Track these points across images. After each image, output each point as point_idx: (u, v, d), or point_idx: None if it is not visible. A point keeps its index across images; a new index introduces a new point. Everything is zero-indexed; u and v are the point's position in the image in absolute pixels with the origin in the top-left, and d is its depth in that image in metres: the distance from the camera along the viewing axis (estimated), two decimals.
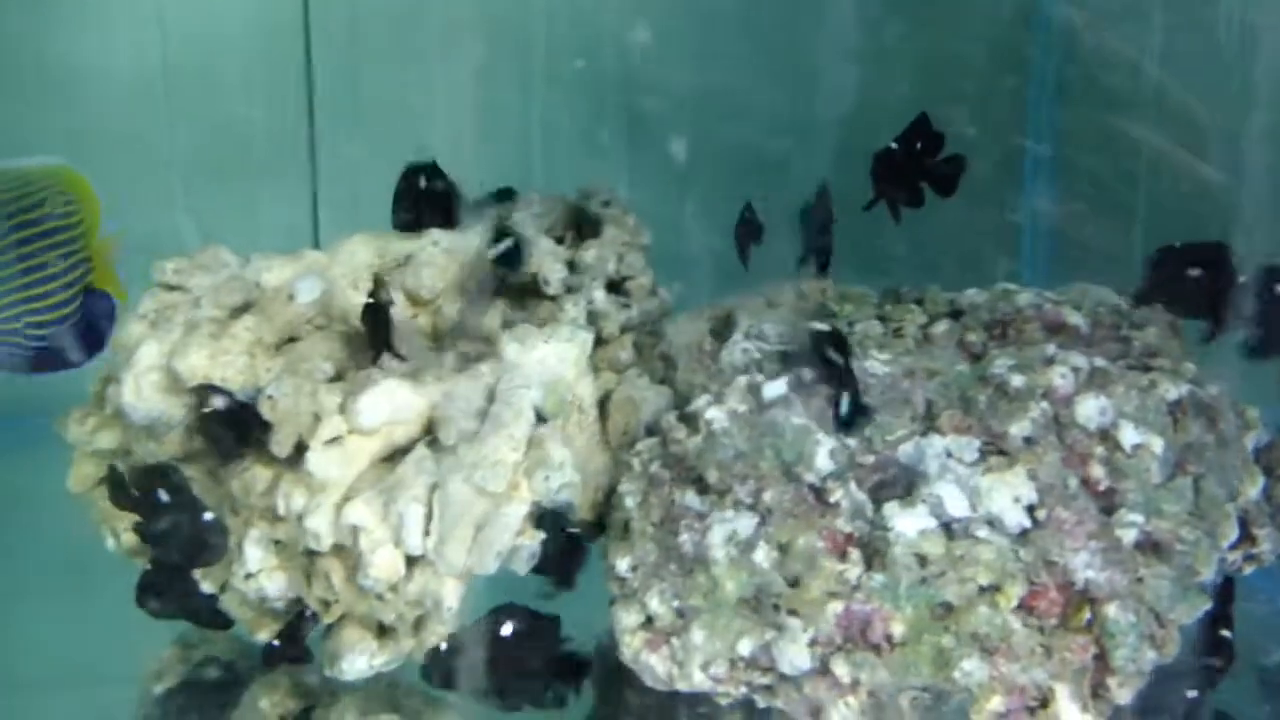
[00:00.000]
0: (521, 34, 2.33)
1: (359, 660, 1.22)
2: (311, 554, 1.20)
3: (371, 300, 1.23)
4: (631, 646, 1.15)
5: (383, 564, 1.15)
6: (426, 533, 1.15)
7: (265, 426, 1.19)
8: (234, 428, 1.21)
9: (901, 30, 2.09)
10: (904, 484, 1.13)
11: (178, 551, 1.24)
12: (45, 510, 1.61)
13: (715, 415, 1.22)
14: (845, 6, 2.07)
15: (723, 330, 1.49)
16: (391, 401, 1.18)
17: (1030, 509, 1.08)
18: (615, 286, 1.46)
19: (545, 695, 1.21)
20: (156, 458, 1.26)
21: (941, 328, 1.28)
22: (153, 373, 1.22)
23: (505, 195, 1.56)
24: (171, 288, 1.33)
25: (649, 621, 1.16)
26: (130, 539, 1.35)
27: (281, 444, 1.18)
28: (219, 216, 2.25)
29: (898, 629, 1.05)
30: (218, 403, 1.20)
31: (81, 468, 1.34)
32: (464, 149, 1.82)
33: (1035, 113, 2.30)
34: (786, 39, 2.23)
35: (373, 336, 1.23)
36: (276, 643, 1.26)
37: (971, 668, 1.04)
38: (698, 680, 1.12)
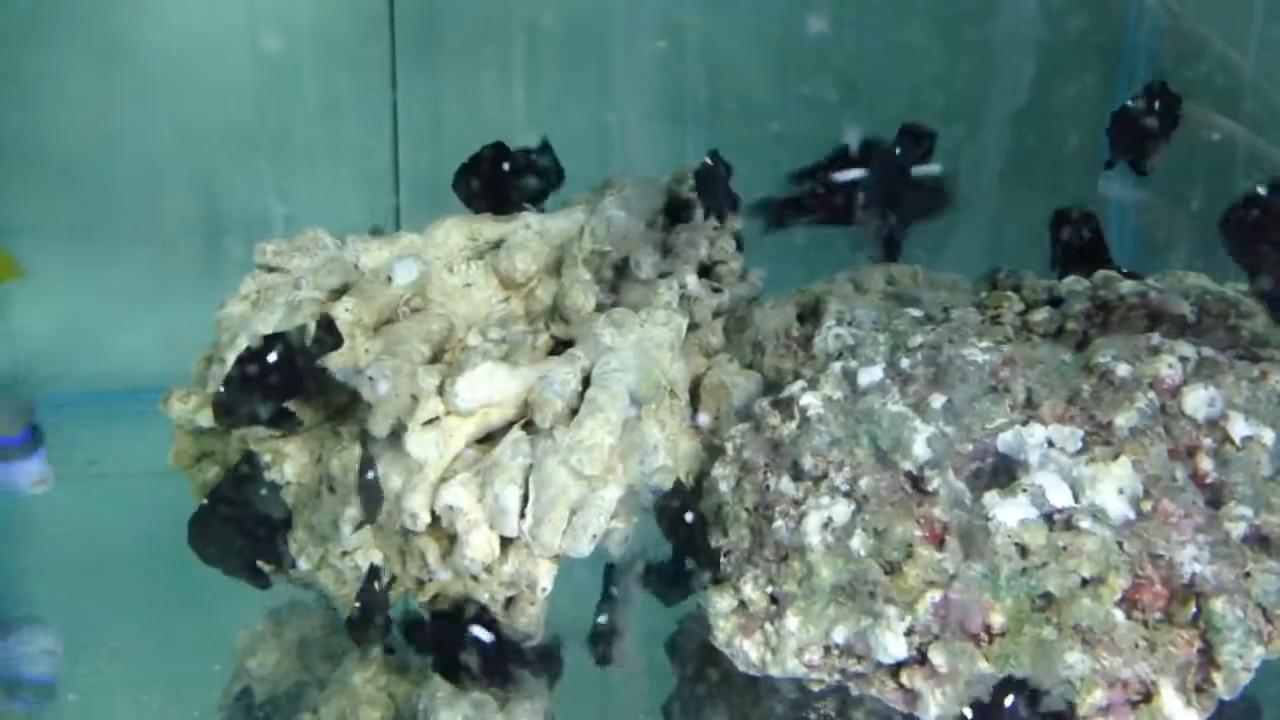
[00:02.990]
0: (602, 24, 2.34)
1: None
2: (407, 533, 1.21)
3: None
4: (725, 631, 1.15)
5: (478, 545, 1.16)
6: (522, 515, 1.16)
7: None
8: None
9: (988, 17, 2.06)
10: (1003, 473, 1.11)
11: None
12: (144, 484, 1.66)
13: (810, 401, 1.21)
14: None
15: (809, 316, 1.48)
16: (489, 384, 1.19)
17: (1135, 501, 1.06)
18: (706, 271, 1.46)
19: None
20: (259, 436, 1.28)
21: (1041, 315, 1.26)
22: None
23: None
24: (271, 269, 1.35)
25: (742, 606, 1.16)
26: None
27: (380, 424, 1.19)
28: (304, 199, 2.29)
29: (997, 619, 1.04)
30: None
31: (182, 444, 1.37)
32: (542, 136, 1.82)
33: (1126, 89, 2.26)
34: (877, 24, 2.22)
35: None
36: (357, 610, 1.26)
37: (1074, 660, 1.02)
38: (791, 666, 1.12)
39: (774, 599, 1.14)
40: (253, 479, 1.20)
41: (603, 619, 1.20)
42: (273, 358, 1.16)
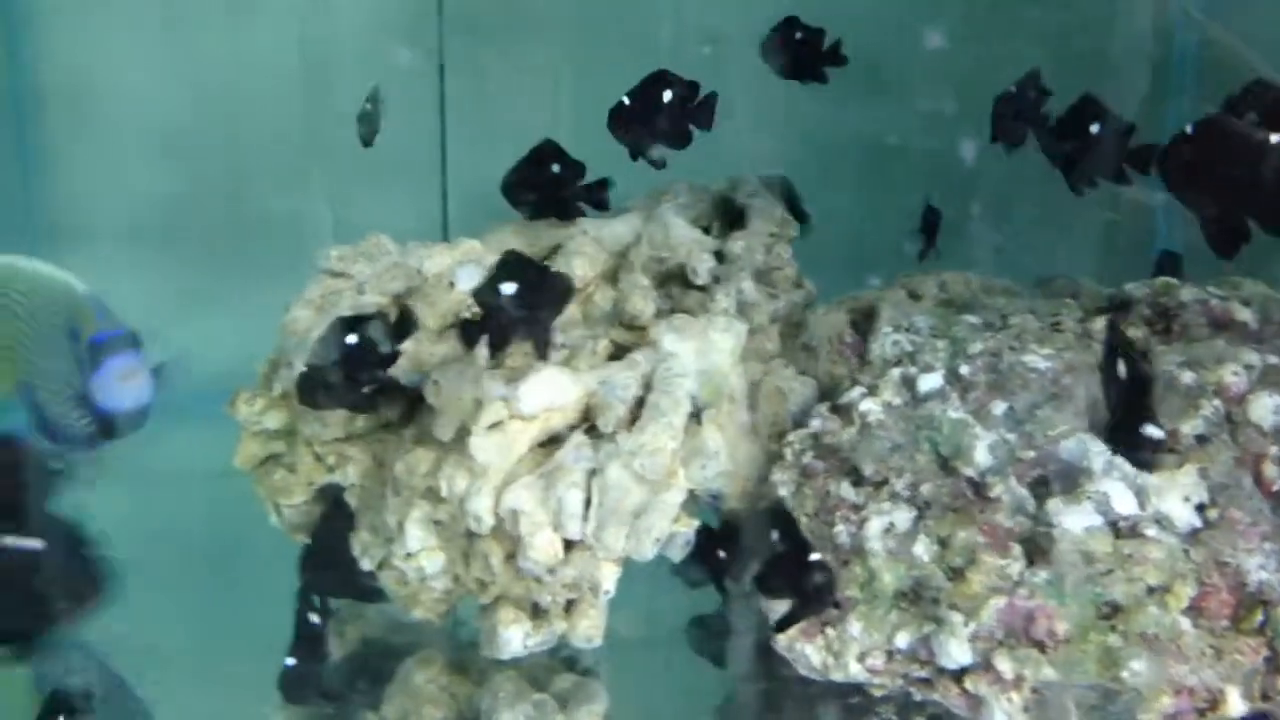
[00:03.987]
0: (647, 22, 2.34)
1: (514, 640, 1.25)
2: (470, 535, 1.23)
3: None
4: (786, 635, 1.16)
5: (542, 547, 1.18)
6: (585, 518, 1.17)
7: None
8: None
9: (1036, 17, 2.05)
10: (1066, 480, 1.12)
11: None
12: (210, 485, 1.68)
13: (870, 407, 1.22)
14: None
15: (862, 322, 1.48)
16: (551, 389, 1.21)
17: (1201, 508, 1.07)
18: (761, 277, 1.47)
19: None
20: (323, 438, 1.30)
21: (1102, 322, 1.26)
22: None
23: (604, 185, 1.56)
24: (335, 274, 1.37)
25: None
26: (291, 515, 1.40)
27: (445, 428, 1.21)
28: (354, 204, 2.31)
29: (1062, 626, 1.05)
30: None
31: (248, 446, 1.39)
32: (589, 139, 1.84)
33: (1176, 102, 2.24)
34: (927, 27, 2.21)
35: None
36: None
37: (1140, 667, 1.02)
38: (853, 671, 1.13)
39: (836, 603, 1.15)
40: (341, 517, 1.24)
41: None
42: (356, 340, 1.18)
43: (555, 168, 1.47)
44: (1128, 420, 1.05)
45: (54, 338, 1.39)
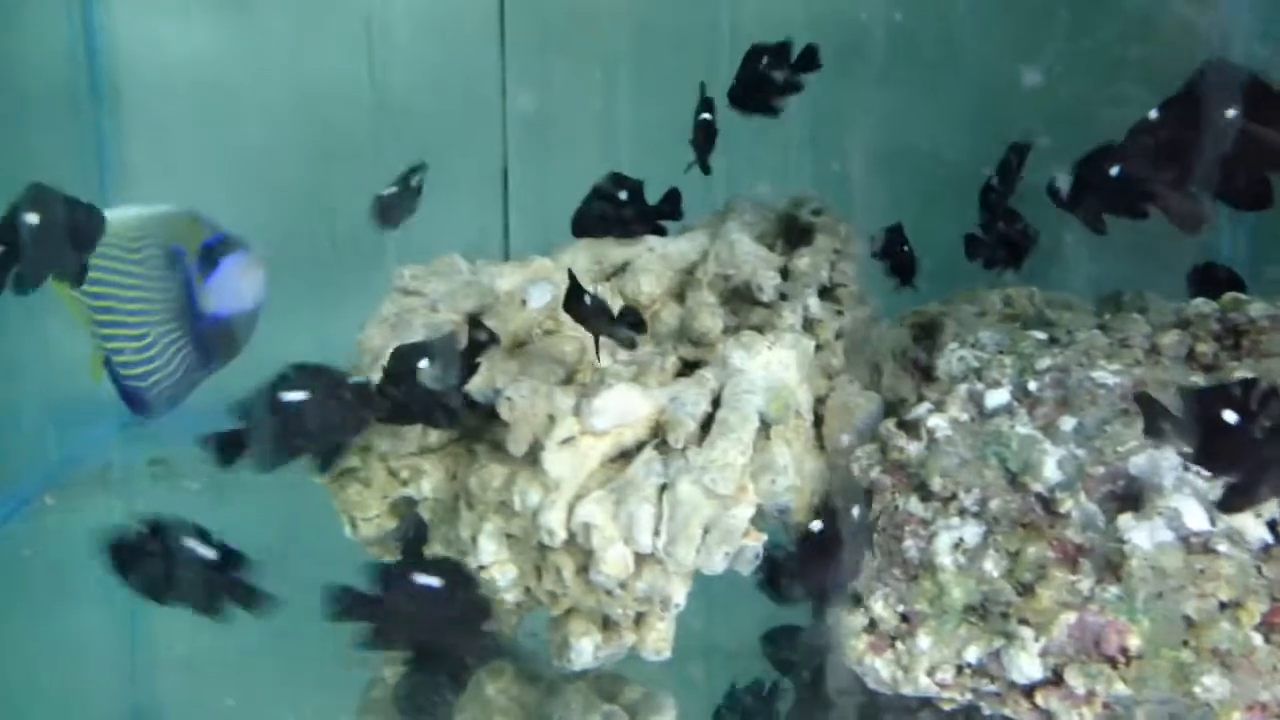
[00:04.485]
0: (709, 41, 2.36)
1: (585, 651, 1.27)
2: (542, 548, 1.25)
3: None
4: (856, 649, 1.17)
5: (614, 561, 1.20)
6: (656, 532, 1.19)
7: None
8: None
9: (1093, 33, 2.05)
10: (1136, 496, 1.12)
11: None
12: (284, 497, 1.72)
13: (937, 423, 1.23)
14: (1035, 23, 2.05)
15: (925, 338, 1.49)
16: (623, 404, 1.23)
17: (1272, 525, 1.07)
18: (826, 293, 1.48)
19: None
20: (398, 453, 1.33)
21: (1170, 338, 1.26)
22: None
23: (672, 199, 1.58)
24: (409, 292, 1.40)
25: (873, 625, 1.17)
26: (366, 529, 1.43)
27: (518, 443, 1.23)
28: (417, 219, 2.35)
29: (1134, 642, 1.05)
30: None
31: None
32: (650, 156, 1.86)
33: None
34: (974, 48, 2.22)
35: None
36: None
37: (1212, 683, 1.02)
38: (923, 685, 1.14)
39: (905, 618, 1.16)
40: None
41: None
42: (432, 356, 1.21)
43: (622, 195, 1.49)
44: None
45: (155, 272, 1.41)
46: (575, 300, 1.23)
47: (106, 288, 1.43)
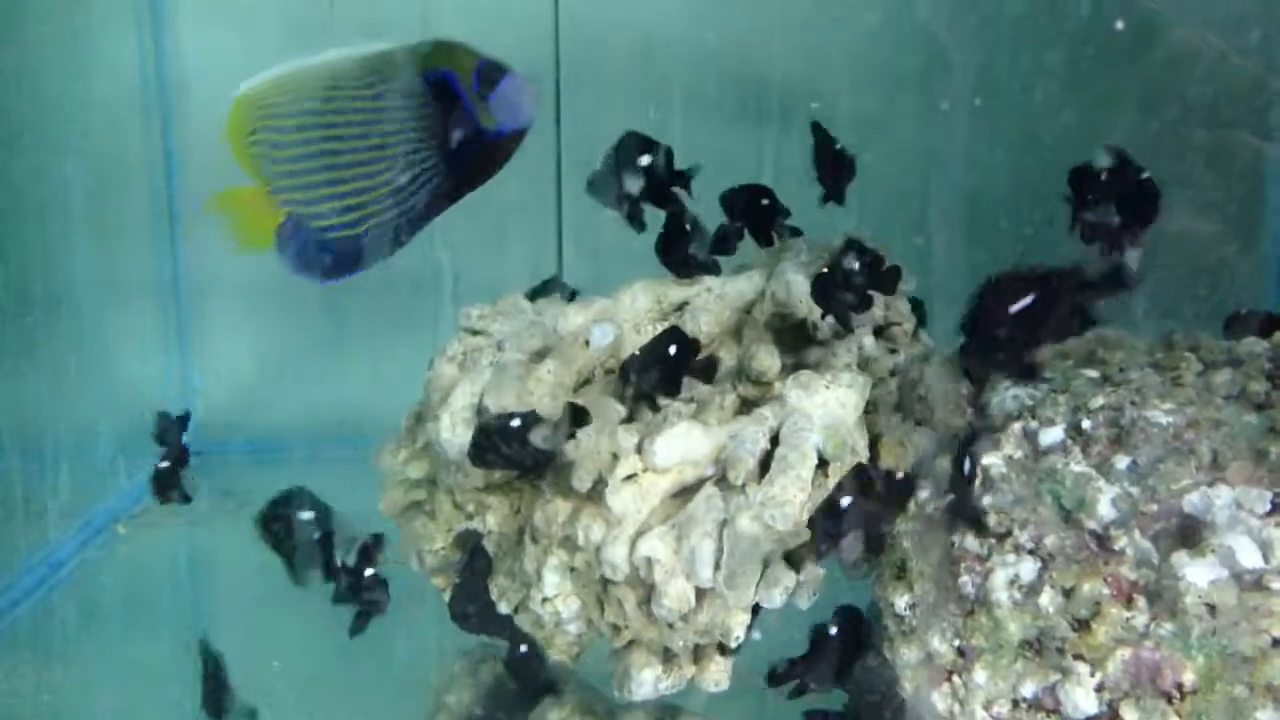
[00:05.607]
0: (756, 75, 2.41)
1: (646, 683, 1.31)
2: (605, 582, 1.29)
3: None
4: (913, 683, 1.20)
5: (675, 594, 1.23)
6: (717, 566, 1.23)
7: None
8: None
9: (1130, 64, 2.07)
10: (1190, 534, 1.14)
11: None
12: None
13: (992, 461, 1.26)
14: (1073, 49, 2.07)
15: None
16: (685, 443, 1.26)
17: None
18: (880, 332, 1.51)
19: None
20: (464, 488, 1.38)
21: (1222, 377, 1.28)
22: (466, 411, 1.33)
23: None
24: (475, 332, 1.45)
25: (929, 659, 1.20)
26: (431, 560, 1.47)
27: (582, 480, 1.27)
28: (473, 256, 2.40)
29: (1189, 678, 1.07)
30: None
31: (392, 494, 1.47)
32: (697, 188, 1.90)
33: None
34: (1004, 78, 2.24)
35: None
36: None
37: (1266, 718, 1.04)
38: (979, 718, 1.16)
39: (961, 652, 1.18)
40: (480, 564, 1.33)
41: None
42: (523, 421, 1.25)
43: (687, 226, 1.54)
44: None
45: (402, 103, 1.33)
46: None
47: (318, 133, 1.34)
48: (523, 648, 1.37)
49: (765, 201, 1.54)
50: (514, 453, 1.24)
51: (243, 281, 2.47)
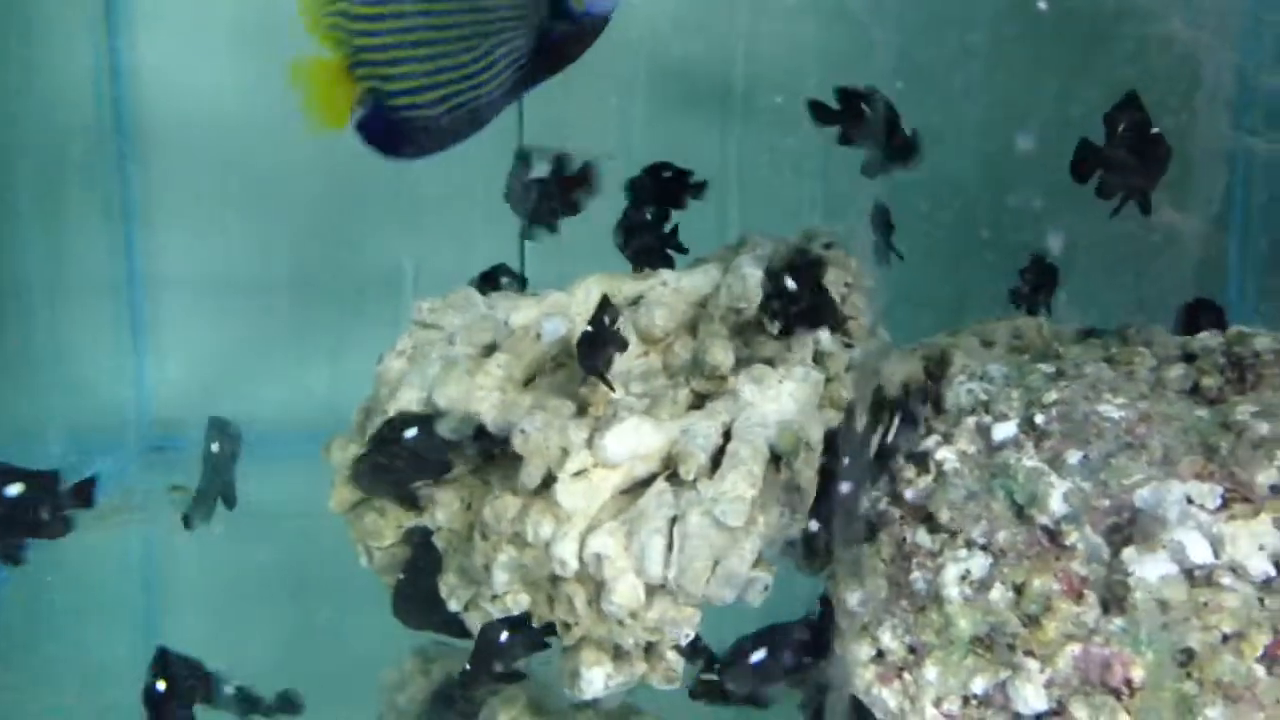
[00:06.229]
0: (719, 74, 2.40)
1: (596, 680, 1.29)
2: (555, 579, 1.27)
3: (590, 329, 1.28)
4: (864, 679, 1.18)
5: (625, 591, 1.22)
6: (667, 563, 1.21)
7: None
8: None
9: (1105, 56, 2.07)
10: (1140, 529, 1.13)
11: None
12: (302, 524, 1.75)
13: (945, 456, 1.25)
14: (1050, 40, 2.07)
15: (935, 370, 1.51)
16: (635, 438, 1.25)
17: (1275, 558, 1.08)
18: (837, 326, 1.50)
19: None
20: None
21: (1175, 371, 1.28)
22: (414, 405, 1.32)
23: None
24: (426, 325, 1.43)
25: (880, 656, 1.19)
26: (381, 558, 1.45)
27: (531, 475, 1.25)
28: (435, 252, 2.38)
29: (1138, 674, 1.06)
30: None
31: (342, 491, 1.44)
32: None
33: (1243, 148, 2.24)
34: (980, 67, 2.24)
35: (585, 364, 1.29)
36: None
37: (1215, 715, 1.04)
38: (930, 715, 1.15)
39: (912, 649, 1.17)
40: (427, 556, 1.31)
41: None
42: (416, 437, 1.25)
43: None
44: None
45: None
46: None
47: (403, 5, 1.27)
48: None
49: (669, 175, 1.55)
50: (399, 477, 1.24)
51: (200, 277, 2.44)
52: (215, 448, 1.41)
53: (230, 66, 2.39)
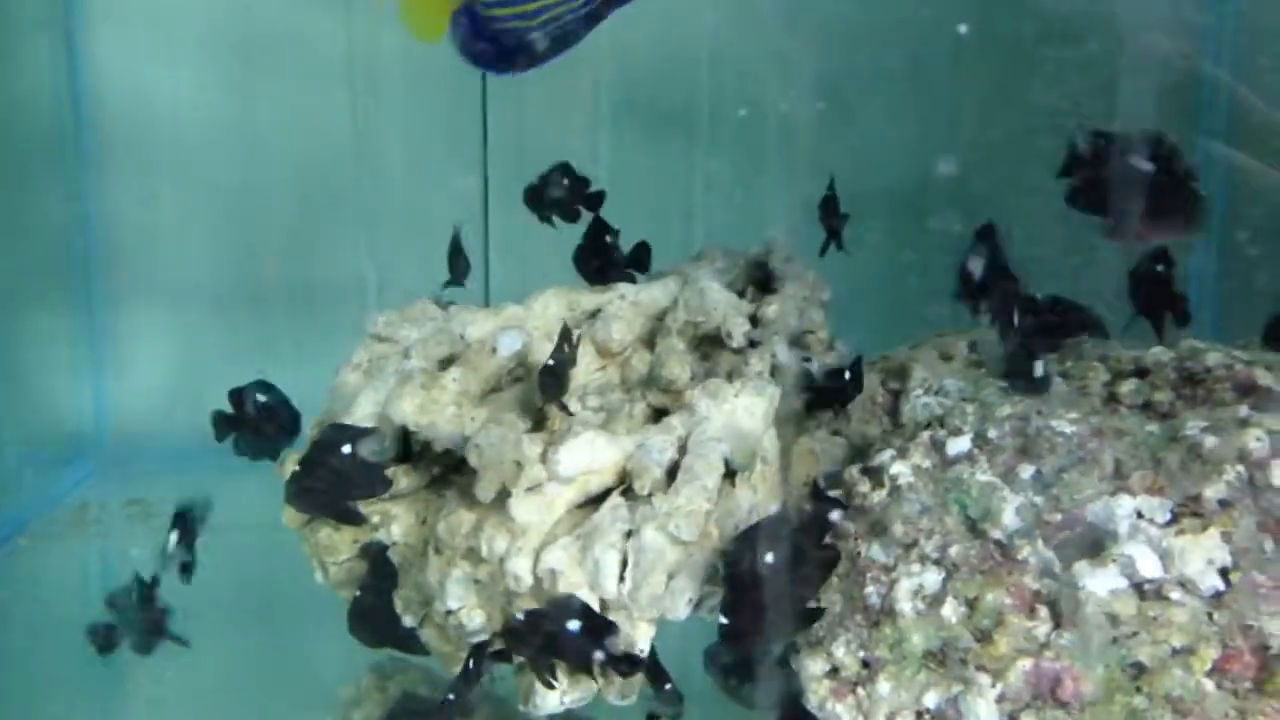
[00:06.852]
0: (683, 88, 2.41)
1: (551, 697, 1.28)
2: (510, 594, 1.26)
3: (551, 363, 1.28)
4: (818, 694, 1.18)
5: None
6: (621, 578, 1.21)
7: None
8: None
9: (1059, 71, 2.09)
10: (1092, 543, 1.14)
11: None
12: (259, 537, 1.73)
13: (900, 470, 1.25)
14: (1011, 53, 2.09)
15: (894, 382, 1.51)
16: (590, 452, 1.24)
17: (1224, 572, 1.08)
18: (795, 340, 1.50)
19: None
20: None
21: (1128, 387, 1.29)
22: (368, 420, 1.31)
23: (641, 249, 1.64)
24: (382, 339, 1.42)
25: (834, 671, 1.19)
26: (336, 572, 1.44)
27: (486, 490, 1.25)
28: (398, 265, 2.38)
29: (1088, 688, 1.07)
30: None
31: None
32: (625, 199, 1.90)
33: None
34: (939, 80, 2.26)
35: (546, 394, 1.30)
36: (452, 696, 1.32)
37: None
38: None
39: (866, 663, 1.17)
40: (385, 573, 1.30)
41: None
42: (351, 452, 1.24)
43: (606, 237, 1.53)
44: None
45: None
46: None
47: None
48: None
49: (568, 181, 1.56)
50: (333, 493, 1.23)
51: (158, 288, 2.42)
52: (172, 542, 1.42)
53: (192, 77, 2.38)
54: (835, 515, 1.20)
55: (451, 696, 1.26)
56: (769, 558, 1.12)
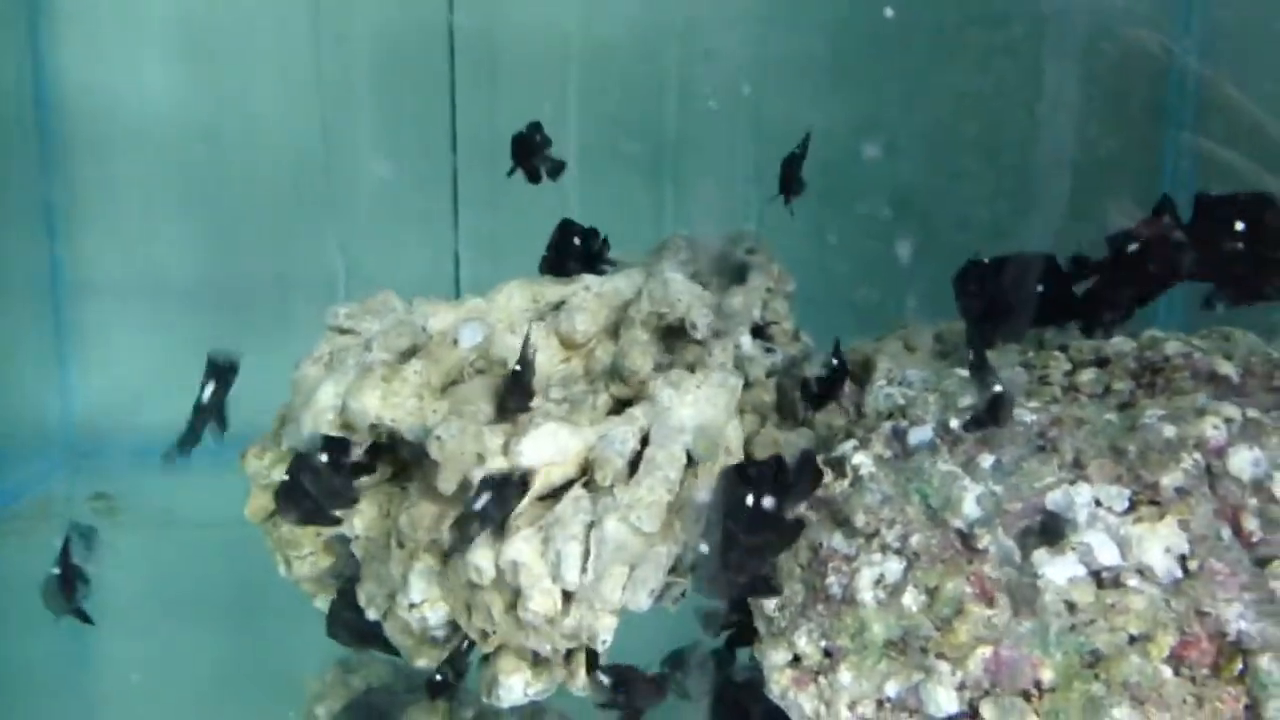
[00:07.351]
0: (655, 74, 2.41)
1: (515, 688, 1.28)
2: (473, 586, 1.26)
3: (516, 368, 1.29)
4: (780, 684, 1.18)
5: (541, 599, 1.21)
6: (583, 570, 1.20)
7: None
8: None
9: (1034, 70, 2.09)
10: (1051, 532, 1.14)
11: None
12: (210, 534, 1.72)
13: (861, 460, 1.25)
14: (985, 49, 2.09)
15: (859, 373, 1.52)
16: (551, 443, 1.24)
17: (1182, 559, 1.09)
18: (759, 331, 1.50)
19: None
20: None
21: (1088, 376, 1.29)
22: (329, 412, 1.30)
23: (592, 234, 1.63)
24: (344, 331, 1.41)
25: (796, 660, 1.19)
26: (300, 566, 1.43)
27: (447, 482, 1.24)
28: (369, 258, 2.37)
29: (1047, 675, 1.07)
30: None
31: (258, 499, 1.42)
32: (598, 191, 1.89)
33: (1172, 161, 2.28)
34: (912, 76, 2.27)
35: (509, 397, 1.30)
36: (440, 676, 1.32)
37: (1122, 716, 1.04)
38: (844, 719, 1.15)
39: (827, 653, 1.17)
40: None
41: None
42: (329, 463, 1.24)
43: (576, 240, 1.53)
44: None
45: None
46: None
47: None
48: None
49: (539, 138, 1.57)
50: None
51: (124, 282, 2.40)
52: (209, 392, 1.38)
53: (158, 71, 2.36)
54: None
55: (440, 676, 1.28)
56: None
